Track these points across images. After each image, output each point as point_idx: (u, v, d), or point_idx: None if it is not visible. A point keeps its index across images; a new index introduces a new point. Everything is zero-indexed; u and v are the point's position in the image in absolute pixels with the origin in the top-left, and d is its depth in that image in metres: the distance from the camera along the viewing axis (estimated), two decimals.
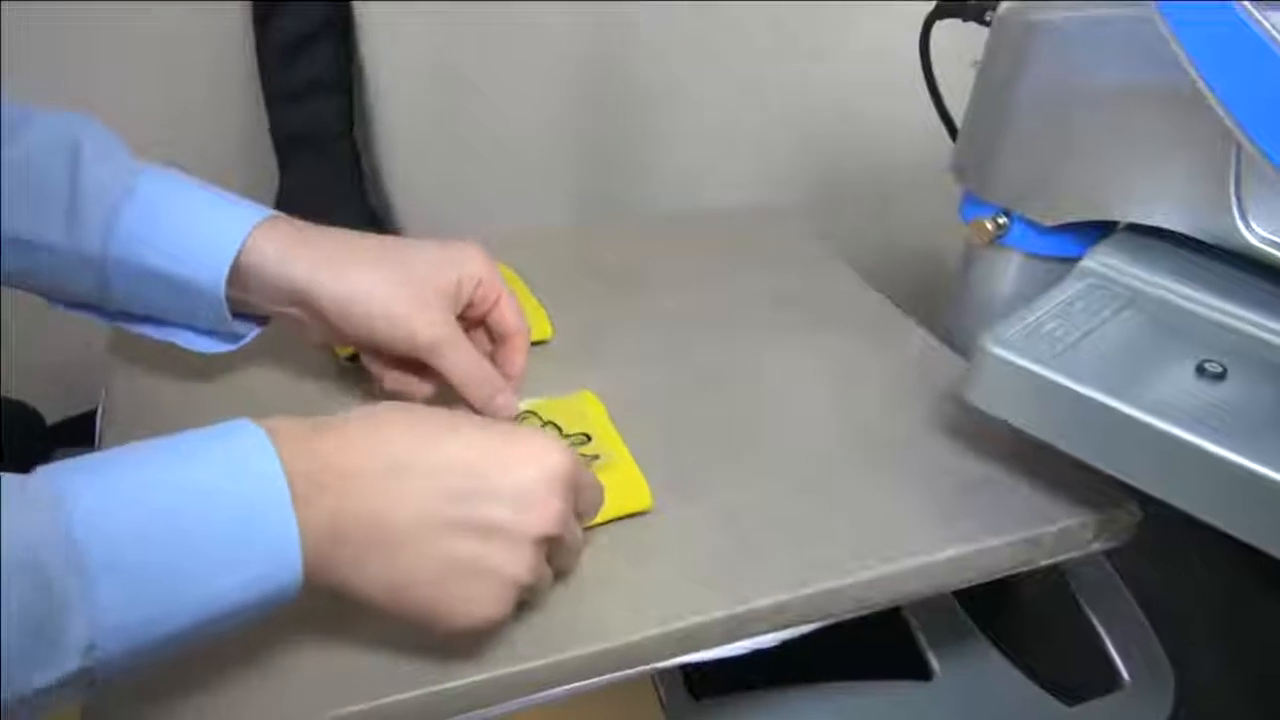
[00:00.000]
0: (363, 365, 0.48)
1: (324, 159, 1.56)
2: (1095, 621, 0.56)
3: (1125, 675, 0.54)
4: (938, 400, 0.52)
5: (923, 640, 0.53)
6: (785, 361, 0.55)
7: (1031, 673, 0.52)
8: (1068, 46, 0.48)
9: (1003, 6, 0.53)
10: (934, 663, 0.52)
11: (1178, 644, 0.55)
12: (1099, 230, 0.53)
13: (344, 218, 1.59)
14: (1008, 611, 0.57)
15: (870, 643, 0.51)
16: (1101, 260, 0.48)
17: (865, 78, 0.99)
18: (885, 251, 0.84)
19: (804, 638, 0.42)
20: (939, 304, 0.63)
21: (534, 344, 0.53)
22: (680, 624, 0.39)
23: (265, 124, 1.54)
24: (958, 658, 0.53)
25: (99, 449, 0.45)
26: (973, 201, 0.56)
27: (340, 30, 1.52)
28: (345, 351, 0.51)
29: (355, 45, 1.55)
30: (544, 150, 1.42)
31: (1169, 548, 0.59)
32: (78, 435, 1.10)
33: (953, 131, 0.63)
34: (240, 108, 1.53)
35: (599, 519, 0.42)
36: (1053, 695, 0.51)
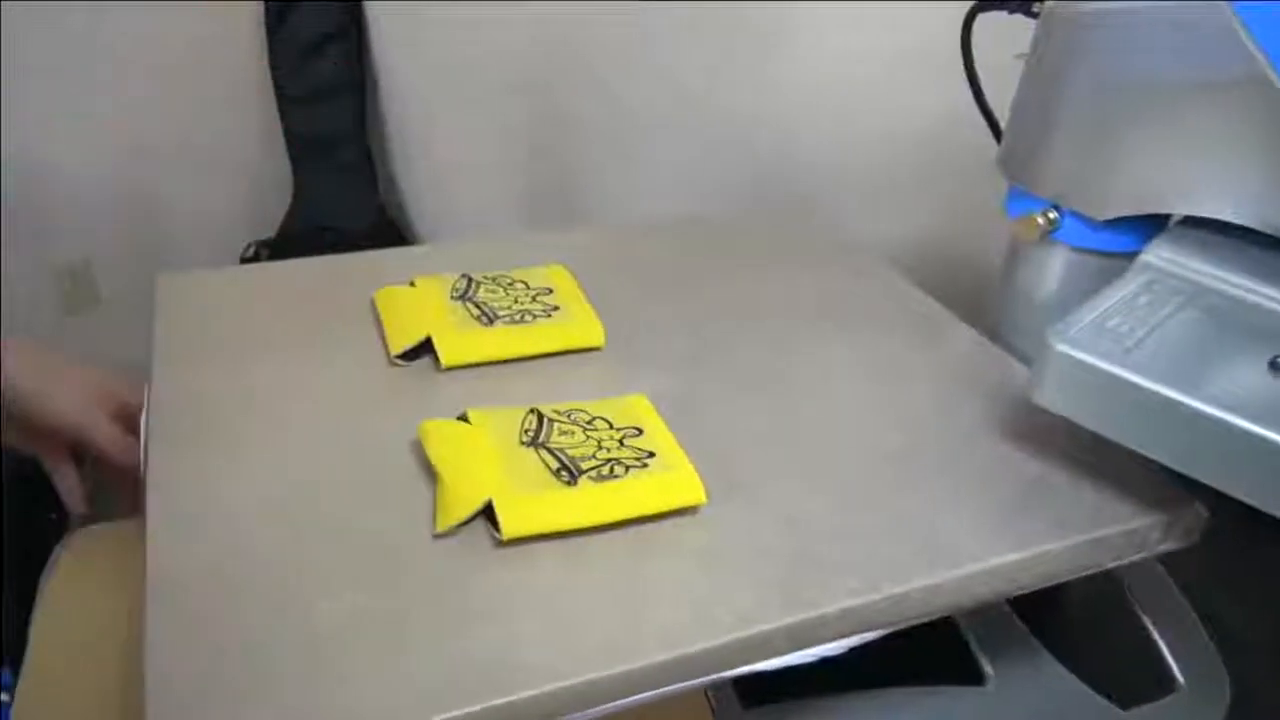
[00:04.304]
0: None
1: (337, 160, 1.55)
2: (1148, 623, 0.55)
3: (1179, 677, 0.53)
4: (991, 399, 0.51)
5: (975, 644, 0.52)
6: (833, 362, 0.54)
7: (1085, 676, 0.51)
8: (1122, 37, 0.47)
9: None
10: (987, 667, 0.51)
11: (1232, 644, 0.54)
12: (1150, 224, 0.52)
13: (357, 217, 1.60)
14: (1059, 613, 0.56)
15: (921, 647, 0.50)
16: (1161, 254, 0.47)
17: (821, 83, 1.01)
18: None
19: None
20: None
21: (585, 351, 0.52)
22: (749, 631, 0.38)
23: (279, 127, 1.53)
24: (1010, 661, 0.52)
25: (145, 447, 0.45)
26: (1020, 196, 0.55)
27: (352, 33, 1.52)
28: (397, 349, 0.50)
29: (367, 48, 1.54)
30: (549, 150, 1.42)
31: (1217, 547, 0.58)
32: None
33: (993, 125, 0.62)
34: (255, 112, 1.52)
35: (653, 509, 0.41)
36: (1107, 698, 0.50)
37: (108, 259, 1.54)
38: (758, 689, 0.47)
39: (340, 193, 1.58)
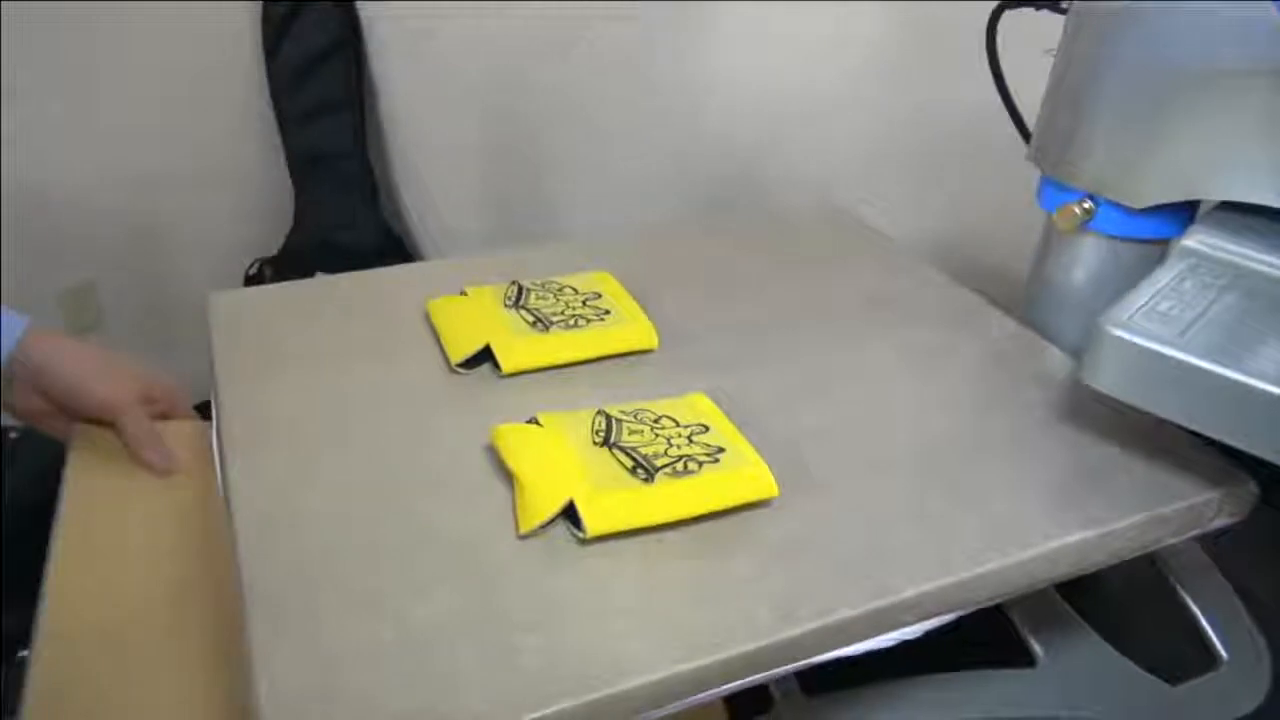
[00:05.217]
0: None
1: (337, 176, 1.56)
2: (1188, 601, 0.56)
3: (1223, 653, 0.54)
4: (1041, 385, 0.53)
5: (1023, 628, 0.54)
6: (883, 356, 0.55)
7: (1130, 655, 0.53)
8: (1159, 29, 0.49)
9: None
10: (1037, 649, 0.53)
11: (1272, 620, 0.56)
12: (1183, 210, 0.53)
13: (359, 232, 1.60)
14: (1102, 594, 0.58)
15: (971, 633, 0.51)
16: (1202, 239, 0.49)
17: (802, 82, 1.03)
18: None
19: None
20: None
21: (640, 353, 0.53)
22: (831, 619, 0.39)
23: (279, 145, 1.54)
24: (1059, 643, 0.53)
25: (220, 462, 0.45)
26: (1055, 188, 0.56)
27: (349, 50, 1.52)
28: (457, 358, 0.51)
29: (365, 63, 1.55)
30: (538, 161, 1.44)
31: (1254, 526, 0.60)
32: None
33: (1018, 120, 0.63)
34: (254, 131, 1.53)
35: (729, 503, 0.42)
36: (1154, 676, 0.51)
37: (110, 281, 1.54)
38: (818, 676, 0.48)
39: (342, 208, 1.58)
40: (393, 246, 1.60)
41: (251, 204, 1.58)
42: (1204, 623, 0.56)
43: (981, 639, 0.52)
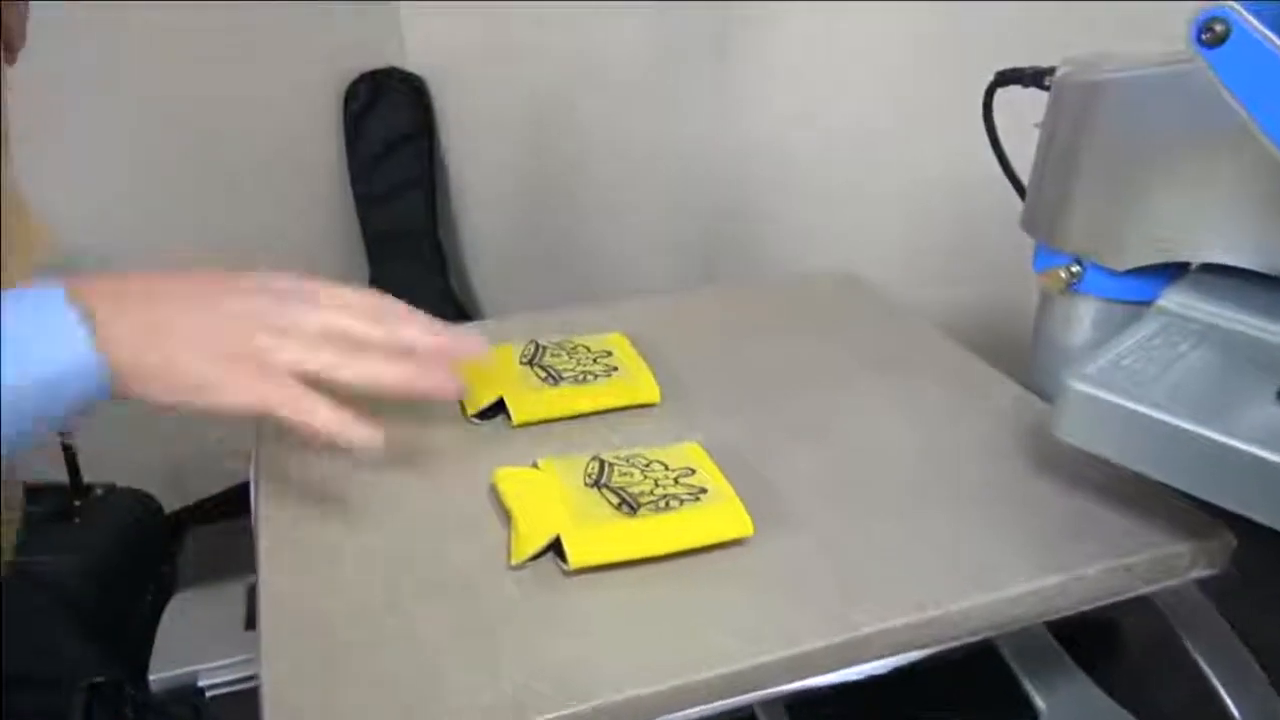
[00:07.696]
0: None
1: (410, 253, 1.65)
2: (1200, 660, 0.56)
3: (1236, 714, 0.54)
4: (1028, 443, 0.54)
5: (1026, 682, 0.54)
6: (878, 411, 0.58)
7: (1138, 712, 0.53)
8: (1130, 102, 0.52)
9: (1061, 70, 0.57)
10: (1039, 702, 0.53)
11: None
12: (1170, 271, 0.55)
13: (430, 307, 1.67)
14: (1110, 652, 0.58)
15: (973, 682, 0.53)
16: (1176, 300, 0.51)
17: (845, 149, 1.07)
18: None
19: (912, 680, 0.44)
20: None
21: (642, 406, 0.57)
22: (795, 650, 0.41)
23: (357, 225, 1.64)
24: (1061, 697, 0.53)
25: (256, 518, 0.50)
26: (1045, 253, 0.59)
27: (424, 136, 1.63)
28: (473, 409, 0.55)
29: (438, 149, 1.65)
30: (618, 241, 1.50)
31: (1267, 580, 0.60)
32: (196, 520, 1.17)
33: (1019, 189, 0.66)
34: (335, 211, 1.63)
35: (704, 541, 0.45)
36: None
37: None
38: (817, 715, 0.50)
39: (413, 282, 1.67)
40: (459, 317, 1.68)
41: (329, 278, 1.67)
42: (1215, 681, 0.55)
43: (984, 689, 0.54)
